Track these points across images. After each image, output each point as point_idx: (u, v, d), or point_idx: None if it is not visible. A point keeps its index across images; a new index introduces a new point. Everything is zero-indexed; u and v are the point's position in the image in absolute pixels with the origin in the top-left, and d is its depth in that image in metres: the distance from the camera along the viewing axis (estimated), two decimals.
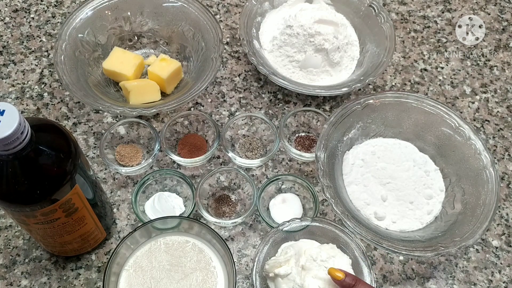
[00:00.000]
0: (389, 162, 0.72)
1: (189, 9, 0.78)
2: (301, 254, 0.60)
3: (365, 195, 0.70)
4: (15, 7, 0.88)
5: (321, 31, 0.77)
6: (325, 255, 0.59)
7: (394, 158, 0.73)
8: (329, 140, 0.68)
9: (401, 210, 0.69)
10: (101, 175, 0.71)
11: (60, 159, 0.49)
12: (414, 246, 0.62)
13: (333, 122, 0.69)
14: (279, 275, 0.59)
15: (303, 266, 0.59)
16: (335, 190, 0.65)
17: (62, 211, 0.52)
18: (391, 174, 0.71)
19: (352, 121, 0.71)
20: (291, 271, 0.59)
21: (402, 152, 0.74)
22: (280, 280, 0.59)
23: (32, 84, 0.79)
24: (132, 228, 0.67)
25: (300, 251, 0.60)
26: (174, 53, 0.82)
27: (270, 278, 0.60)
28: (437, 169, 0.73)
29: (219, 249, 0.58)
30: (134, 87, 0.74)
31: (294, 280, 0.58)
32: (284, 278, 0.59)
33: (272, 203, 0.70)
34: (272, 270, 0.59)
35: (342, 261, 0.60)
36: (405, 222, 0.69)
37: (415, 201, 0.70)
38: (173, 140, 0.74)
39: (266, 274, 0.60)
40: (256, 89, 0.82)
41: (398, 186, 0.70)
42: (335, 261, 0.59)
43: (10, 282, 0.63)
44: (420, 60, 0.88)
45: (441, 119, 0.72)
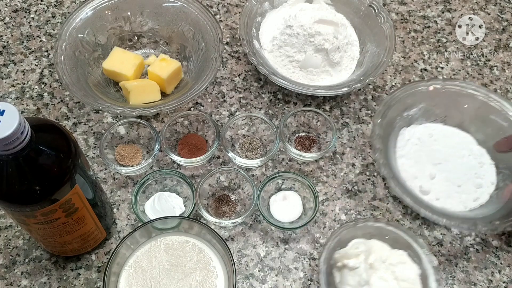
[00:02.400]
0: (445, 146, 0.74)
1: (189, 9, 0.79)
2: (371, 253, 0.60)
3: (414, 169, 0.71)
4: (15, 7, 0.88)
5: (321, 31, 0.77)
6: (395, 259, 0.60)
7: (450, 144, 0.74)
8: (388, 109, 0.70)
9: (447, 190, 0.70)
10: (101, 175, 0.71)
11: (60, 159, 0.49)
12: (451, 218, 0.63)
13: (396, 96, 0.71)
14: (347, 266, 0.60)
15: (371, 264, 0.59)
16: (385, 155, 0.67)
17: (62, 211, 0.52)
18: (444, 157, 0.72)
19: (415, 100, 0.73)
20: (359, 265, 0.59)
21: (460, 142, 0.75)
22: (346, 272, 0.60)
23: (32, 84, 0.79)
24: (132, 228, 0.67)
25: (371, 250, 0.61)
26: (174, 53, 0.82)
27: (337, 268, 0.61)
28: (492, 164, 0.73)
29: (219, 249, 0.58)
30: (134, 87, 0.74)
31: (361, 275, 0.59)
32: (351, 270, 0.60)
33: (273, 199, 0.70)
34: (341, 260, 0.60)
35: (411, 270, 0.60)
36: (449, 202, 0.69)
37: (464, 185, 0.70)
38: (173, 140, 0.74)
39: (334, 263, 0.61)
40: (256, 89, 0.82)
41: (449, 168, 0.71)
42: (404, 268, 0.60)
43: (10, 282, 0.63)
44: (420, 60, 0.88)
45: (504, 116, 0.72)
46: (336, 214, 0.71)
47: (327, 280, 0.60)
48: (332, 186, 0.73)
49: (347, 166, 0.75)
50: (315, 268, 0.66)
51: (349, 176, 0.74)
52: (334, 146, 0.75)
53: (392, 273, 0.59)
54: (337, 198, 0.72)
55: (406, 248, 0.62)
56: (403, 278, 0.60)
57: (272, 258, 0.67)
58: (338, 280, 0.61)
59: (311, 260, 0.67)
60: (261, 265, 0.66)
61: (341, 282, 0.61)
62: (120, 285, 0.57)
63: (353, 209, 0.71)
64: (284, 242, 0.68)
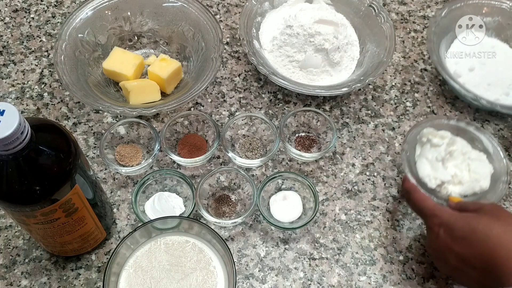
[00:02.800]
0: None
1: (189, 9, 0.79)
2: (454, 144, 0.69)
3: None
4: (15, 7, 0.88)
5: (321, 31, 0.77)
6: (473, 155, 0.69)
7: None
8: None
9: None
10: (101, 175, 0.71)
11: (60, 159, 0.49)
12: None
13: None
14: (430, 141, 0.69)
15: (451, 152, 0.68)
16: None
17: (62, 211, 0.52)
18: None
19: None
20: (442, 144, 0.69)
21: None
22: (428, 147, 0.70)
23: (32, 84, 0.79)
24: (132, 228, 0.67)
25: (455, 141, 0.70)
26: (174, 53, 0.82)
27: (421, 142, 0.71)
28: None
29: (219, 249, 0.58)
30: (134, 87, 0.74)
31: (440, 153, 0.68)
32: (432, 147, 0.69)
33: (273, 199, 0.70)
34: (427, 135, 0.70)
35: (485, 168, 0.68)
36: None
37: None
38: (173, 140, 0.74)
39: (419, 138, 0.71)
40: (256, 89, 0.82)
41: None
42: (480, 164, 0.69)
43: (10, 282, 0.63)
44: (420, 60, 0.88)
45: None
46: (336, 214, 0.71)
47: (407, 153, 0.70)
48: (332, 186, 0.73)
49: (347, 166, 0.75)
50: (315, 268, 0.66)
51: (349, 176, 0.74)
52: (334, 146, 0.75)
53: (467, 165, 0.68)
54: (337, 198, 0.72)
55: (486, 153, 0.71)
56: (476, 172, 0.68)
57: (272, 258, 0.67)
58: (418, 153, 0.70)
59: (311, 260, 0.67)
60: (261, 265, 0.66)
61: (420, 155, 0.70)
62: (120, 285, 0.57)
63: (353, 209, 0.71)
64: (284, 242, 0.68)
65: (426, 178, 0.68)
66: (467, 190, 0.68)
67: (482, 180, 0.68)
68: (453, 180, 0.67)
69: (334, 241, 0.69)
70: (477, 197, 0.68)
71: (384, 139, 0.78)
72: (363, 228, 0.70)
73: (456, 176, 0.67)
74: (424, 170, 0.68)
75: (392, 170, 0.75)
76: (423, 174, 0.68)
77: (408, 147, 0.70)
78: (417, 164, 0.69)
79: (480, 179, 0.68)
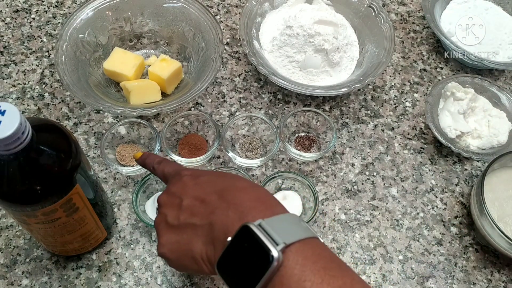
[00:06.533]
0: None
1: (190, 10, 0.79)
2: (477, 101, 0.75)
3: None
4: (16, 7, 0.88)
5: (320, 32, 0.78)
6: (494, 113, 0.76)
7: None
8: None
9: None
10: (101, 175, 0.72)
11: (61, 159, 0.49)
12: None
13: None
14: (454, 95, 0.75)
15: (473, 107, 0.74)
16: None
17: (63, 210, 0.52)
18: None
19: None
20: (465, 98, 0.73)
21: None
22: (451, 100, 0.75)
23: (33, 84, 0.79)
24: (133, 227, 0.67)
25: (477, 98, 0.76)
26: (175, 53, 0.82)
27: (445, 96, 0.76)
28: None
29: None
30: (134, 88, 0.74)
31: (462, 107, 0.73)
32: (455, 100, 0.74)
33: None
34: (451, 89, 0.75)
35: (504, 125, 0.75)
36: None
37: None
38: (174, 140, 0.74)
39: (444, 92, 0.77)
40: (256, 89, 0.82)
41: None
42: (500, 121, 0.75)
43: (11, 281, 0.63)
44: (419, 61, 0.88)
45: None
46: (336, 213, 0.71)
47: (432, 105, 0.75)
48: (332, 186, 0.73)
49: (347, 166, 0.75)
50: None
51: (349, 176, 0.74)
52: (333, 146, 0.75)
53: (487, 121, 0.74)
54: (336, 198, 0.72)
55: (505, 111, 0.77)
56: (495, 127, 0.74)
57: None
58: (441, 107, 0.76)
59: None
60: None
61: (443, 108, 0.76)
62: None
63: (352, 208, 0.71)
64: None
65: (446, 128, 0.74)
66: (485, 144, 0.74)
67: (501, 135, 0.74)
68: (473, 134, 0.74)
69: (333, 240, 0.69)
70: (495, 150, 0.74)
71: (384, 139, 0.78)
72: (363, 228, 0.70)
73: (475, 130, 0.74)
74: (445, 122, 0.74)
75: (392, 170, 0.75)
76: (444, 125, 0.74)
77: (432, 99, 0.75)
78: (439, 116, 0.75)
79: (499, 134, 0.74)
